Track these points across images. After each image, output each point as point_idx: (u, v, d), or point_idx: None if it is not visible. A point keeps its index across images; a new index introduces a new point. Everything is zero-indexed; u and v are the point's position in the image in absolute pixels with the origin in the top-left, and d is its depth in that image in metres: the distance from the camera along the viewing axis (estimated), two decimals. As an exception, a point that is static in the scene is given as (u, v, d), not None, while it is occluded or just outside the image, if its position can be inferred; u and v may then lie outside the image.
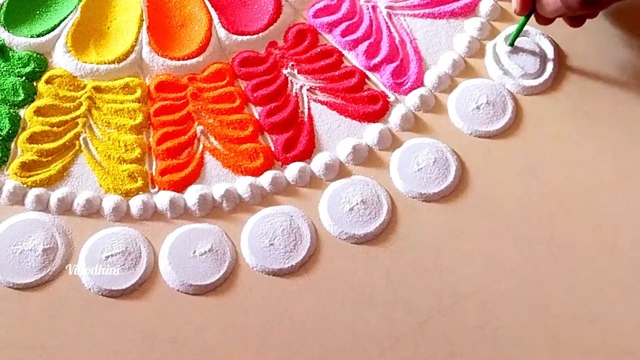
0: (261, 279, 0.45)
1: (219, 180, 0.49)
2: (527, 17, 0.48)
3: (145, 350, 0.43)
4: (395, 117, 0.50)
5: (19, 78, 0.52)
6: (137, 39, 0.53)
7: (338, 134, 0.50)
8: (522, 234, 0.45)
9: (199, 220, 0.47)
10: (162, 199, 0.47)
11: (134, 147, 0.49)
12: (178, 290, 0.45)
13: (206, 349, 0.43)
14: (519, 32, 0.50)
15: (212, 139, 0.50)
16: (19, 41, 0.53)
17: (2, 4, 0.54)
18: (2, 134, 0.50)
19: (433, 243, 0.46)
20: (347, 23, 0.54)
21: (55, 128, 0.50)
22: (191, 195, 0.47)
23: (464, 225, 0.46)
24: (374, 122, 0.50)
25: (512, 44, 0.51)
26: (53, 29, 0.54)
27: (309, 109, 0.51)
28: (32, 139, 0.49)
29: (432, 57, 0.53)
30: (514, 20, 0.53)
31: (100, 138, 0.50)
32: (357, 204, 0.47)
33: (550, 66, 0.51)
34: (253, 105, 0.51)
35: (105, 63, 0.52)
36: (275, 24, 0.54)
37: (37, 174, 0.49)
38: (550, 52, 0.52)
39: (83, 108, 0.51)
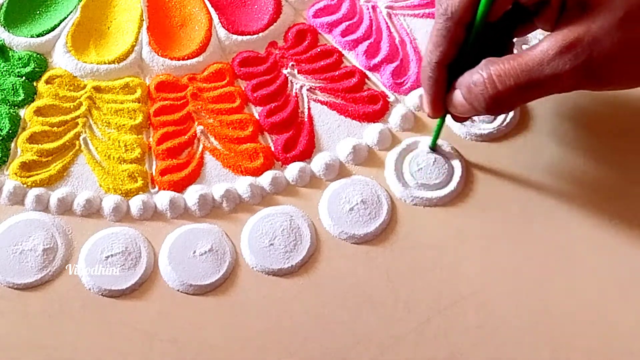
0: (261, 279, 0.45)
1: (219, 180, 0.49)
2: (443, 118, 0.45)
3: (145, 350, 0.43)
4: (395, 117, 0.50)
5: (19, 78, 0.52)
6: (137, 39, 0.53)
7: (338, 134, 0.50)
8: (522, 234, 0.45)
9: (199, 220, 0.47)
10: (162, 199, 0.47)
11: (134, 147, 0.49)
12: (178, 290, 0.45)
13: (206, 349, 0.43)
14: (438, 134, 0.46)
15: (212, 139, 0.50)
16: (19, 41, 0.53)
17: (2, 4, 0.54)
18: (2, 134, 0.50)
19: (433, 243, 0.45)
20: (347, 23, 0.54)
21: (55, 128, 0.50)
22: (191, 195, 0.47)
23: (463, 225, 0.46)
24: (374, 122, 0.50)
25: (433, 147, 0.48)
26: (53, 29, 0.54)
27: (309, 109, 0.51)
28: (32, 139, 0.49)
29: (432, 57, 0.53)
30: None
31: (100, 138, 0.50)
32: (357, 204, 0.47)
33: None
34: (253, 105, 0.51)
35: (105, 63, 0.52)
36: (275, 24, 0.54)
37: (37, 174, 0.49)
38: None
39: (83, 108, 0.51)
